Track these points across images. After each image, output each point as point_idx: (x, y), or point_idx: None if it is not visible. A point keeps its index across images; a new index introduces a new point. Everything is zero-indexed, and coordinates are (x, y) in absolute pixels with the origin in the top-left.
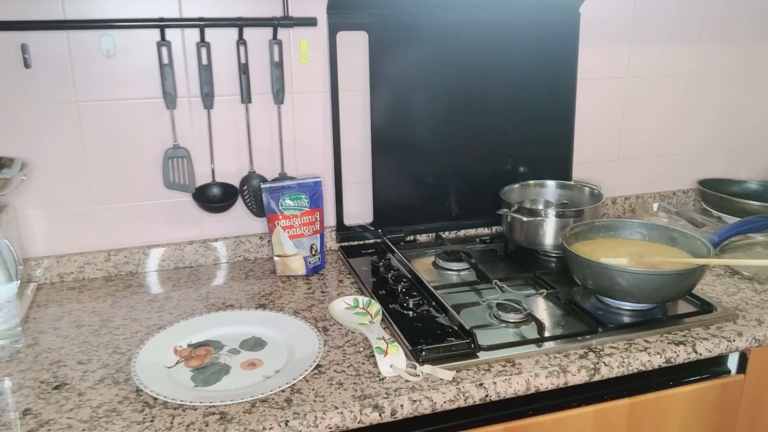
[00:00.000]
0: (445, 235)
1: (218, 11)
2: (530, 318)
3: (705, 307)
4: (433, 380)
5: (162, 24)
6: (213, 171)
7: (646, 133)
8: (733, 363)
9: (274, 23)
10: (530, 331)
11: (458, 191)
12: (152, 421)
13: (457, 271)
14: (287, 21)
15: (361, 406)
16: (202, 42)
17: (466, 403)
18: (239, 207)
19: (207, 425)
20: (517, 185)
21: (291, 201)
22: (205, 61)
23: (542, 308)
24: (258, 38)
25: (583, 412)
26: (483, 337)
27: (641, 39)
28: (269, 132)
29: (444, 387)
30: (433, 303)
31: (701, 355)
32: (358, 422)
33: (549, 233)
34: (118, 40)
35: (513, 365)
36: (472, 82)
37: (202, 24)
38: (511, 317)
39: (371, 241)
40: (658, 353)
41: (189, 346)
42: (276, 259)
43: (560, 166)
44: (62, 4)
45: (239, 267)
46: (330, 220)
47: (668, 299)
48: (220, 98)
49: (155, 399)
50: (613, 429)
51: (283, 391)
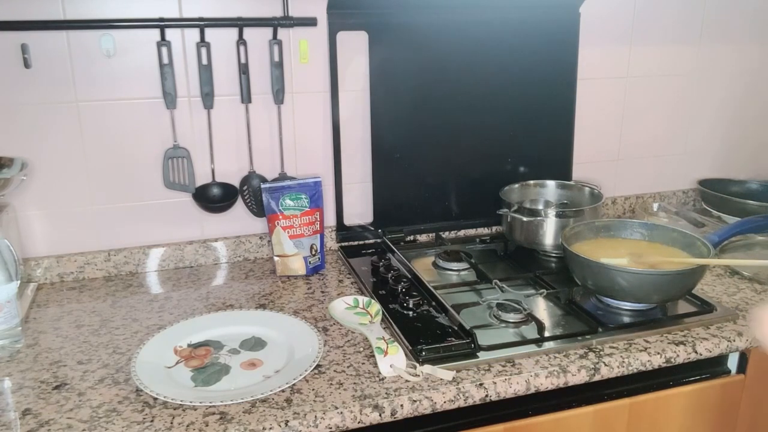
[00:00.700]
0: (445, 235)
1: (218, 11)
2: (530, 318)
3: (705, 307)
4: (433, 380)
5: (162, 24)
6: (213, 171)
7: (646, 133)
8: (733, 363)
9: (274, 23)
10: (530, 331)
11: (458, 191)
12: (152, 421)
13: (457, 271)
14: (287, 21)
15: (361, 406)
16: (202, 42)
17: (466, 403)
18: (239, 207)
19: (207, 425)
20: (517, 185)
21: (291, 201)
22: (205, 61)
23: (542, 308)
24: (258, 38)
25: (583, 412)
26: (483, 337)
27: (641, 39)
28: (269, 132)
29: (444, 387)
30: (433, 303)
31: (701, 355)
32: (358, 422)
33: (549, 233)
34: (118, 40)
35: (513, 365)
36: (472, 82)
37: (202, 24)
38: (511, 317)
39: (371, 241)
40: (658, 353)
41: (189, 346)
42: (276, 259)
43: (560, 166)
44: (62, 4)
45: (239, 267)
46: (330, 220)
47: (668, 299)
48: (220, 98)
49: (155, 399)
50: (613, 429)
51: (283, 391)
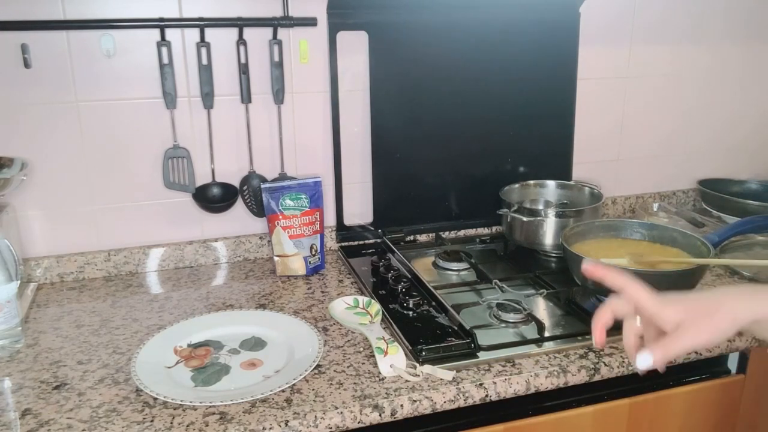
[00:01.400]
0: (445, 235)
1: (218, 11)
2: (530, 318)
3: None
4: (433, 380)
5: (162, 24)
6: (213, 171)
7: (646, 133)
8: (733, 363)
9: (274, 23)
10: (530, 331)
11: (458, 191)
12: (152, 421)
13: (457, 271)
14: (287, 21)
15: (361, 406)
16: (202, 42)
17: (466, 403)
18: (239, 207)
19: (207, 425)
20: (517, 185)
21: (291, 201)
22: (205, 61)
23: (542, 308)
24: (258, 38)
25: (583, 412)
26: (483, 337)
27: (641, 39)
28: (269, 132)
29: (444, 387)
30: (433, 303)
31: (701, 355)
32: (358, 422)
33: (549, 233)
34: (118, 40)
35: (513, 365)
36: (472, 81)
37: (202, 24)
38: (511, 317)
39: (371, 241)
40: None
41: (189, 346)
42: (276, 259)
43: (560, 166)
44: (62, 4)
45: (239, 267)
46: (330, 220)
47: None
48: (220, 98)
49: (155, 399)
50: (613, 429)
51: (283, 391)
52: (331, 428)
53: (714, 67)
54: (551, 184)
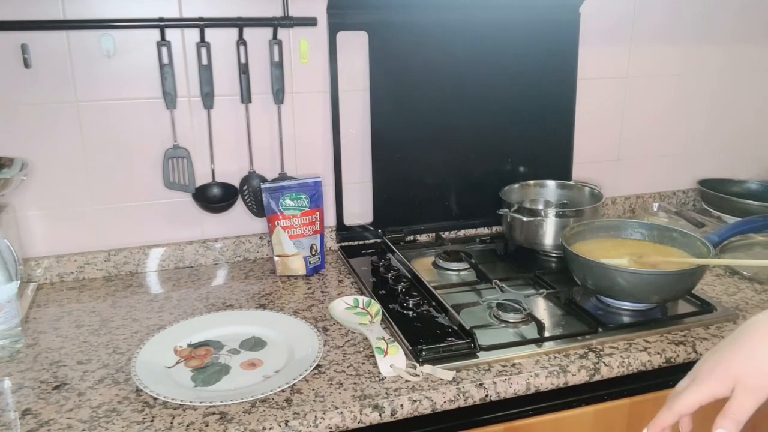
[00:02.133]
0: (445, 235)
1: (218, 11)
2: (530, 318)
3: (705, 307)
4: (433, 380)
5: (162, 24)
6: (213, 171)
7: (646, 133)
8: None
9: (274, 23)
10: (530, 331)
11: (458, 191)
12: (152, 421)
13: (457, 271)
14: (287, 21)
15: (361, 406)
16: (202, 42)
17: (466, 403)
18: (239, 207)
19: (207, 425)
20: (517, 185)
21: (291, 201)
22: (205, 61)
23: (542, 308)
24: (258, 38)
25: (583, 412)
26: (483, 337)
27: (641, 39)
28: (269, 132)
29: (444, 387)
30: (433, 303)
31: (701, 355)
32: (358, 422)
33: (549, 233)
34: (118, 40)
35: (513, 365)
36: (472, 81)
37: (202, 24)
38: (511, 317)
39: (371, 241)
40: (658, 353)
41: (189, 346)
42: (276, 259)
43: (560, 166)
44: (62, 4)
45: (239, 267)
46: (330, 220)
47: (668, 299)
48: (220, 98)
49: (155, 399)
50: (613, 429)
51: (283, 391)
52: (331, 428)
53: (714, 67)
54: (551, 184)
